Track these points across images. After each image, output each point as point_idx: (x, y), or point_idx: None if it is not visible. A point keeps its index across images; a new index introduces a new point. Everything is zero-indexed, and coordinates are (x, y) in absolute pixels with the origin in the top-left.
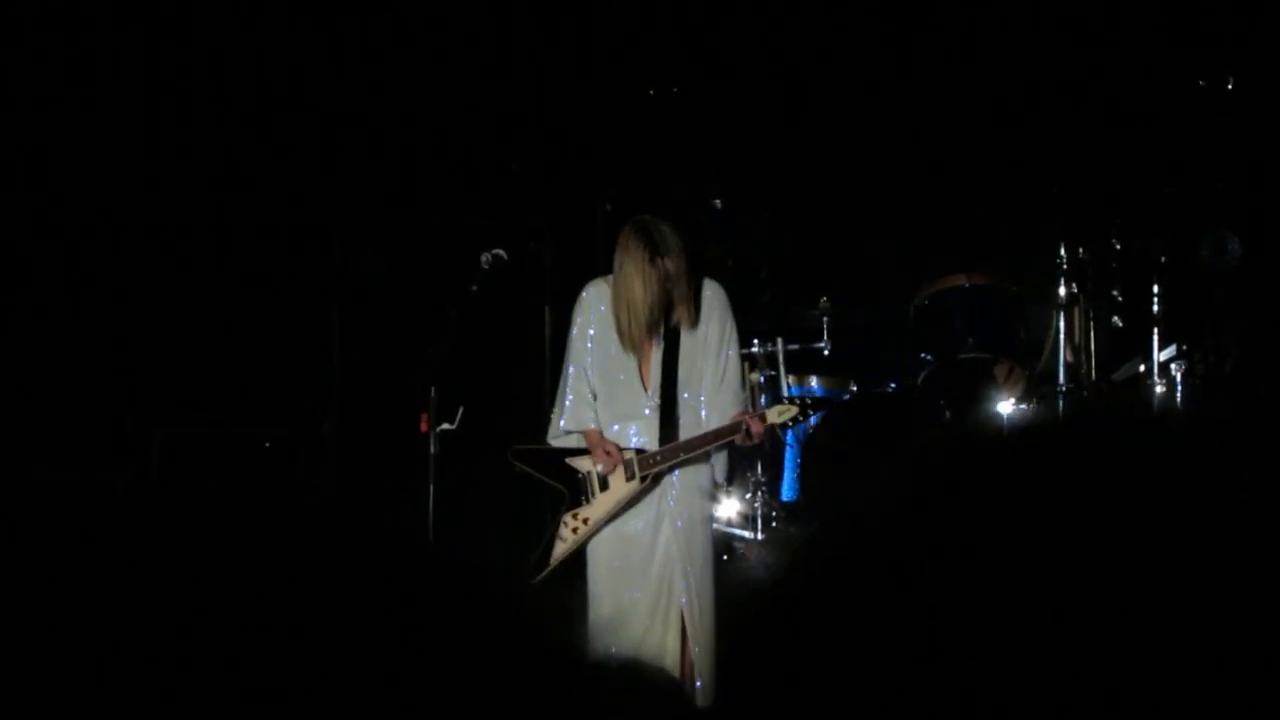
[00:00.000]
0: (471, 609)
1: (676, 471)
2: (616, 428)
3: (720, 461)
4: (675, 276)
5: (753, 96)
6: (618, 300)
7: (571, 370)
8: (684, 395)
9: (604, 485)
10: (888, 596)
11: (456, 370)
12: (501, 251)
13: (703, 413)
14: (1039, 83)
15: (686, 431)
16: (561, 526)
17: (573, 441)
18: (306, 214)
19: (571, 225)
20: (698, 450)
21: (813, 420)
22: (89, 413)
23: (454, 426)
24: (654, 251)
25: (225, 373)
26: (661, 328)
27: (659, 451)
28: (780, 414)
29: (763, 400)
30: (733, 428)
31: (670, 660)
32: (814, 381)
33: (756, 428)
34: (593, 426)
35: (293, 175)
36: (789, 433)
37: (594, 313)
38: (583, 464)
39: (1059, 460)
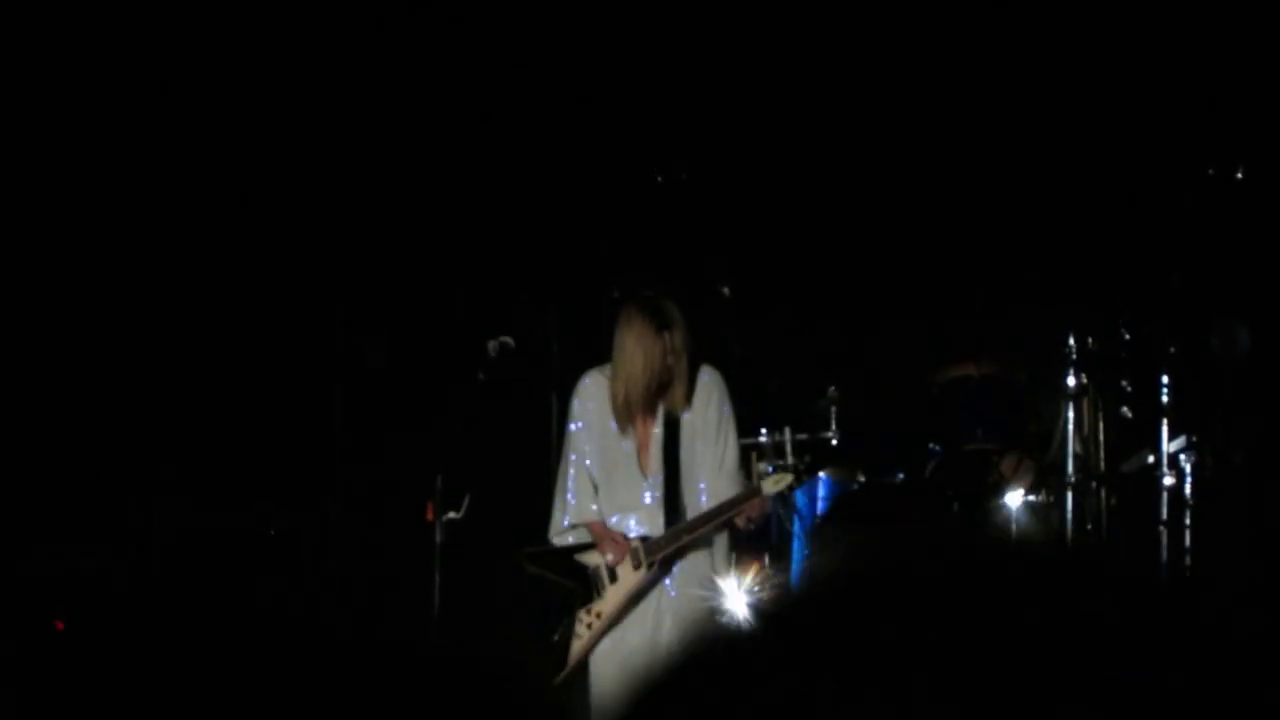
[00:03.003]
0: (485, 713)
1: (674, 566)
2: (616, 519)
3: (720, 552)
4: (677, 352)
5: (763, 185)
6: (615, 378)
7: (571, 462)
8: (685, 483)
9: (613, 578)
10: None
11: (463, 458)
12: (509, 339)
13: (703, 499)
14: (1047, 172)
15: (687, 518)
16: (576, 624)
17: (573, 537)
18: (310, 298)
19: (579, 313)
20: (700, 530)
21: (820, 511)
22: (87, 501)
23: (460, 516)
24: (658, 324)
25: (227, 461)
26: (659, 411)
27: (663, 536)
28: (776, 483)
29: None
30: (731, 502)
31: None
32: (822, 472)
33: (754, 509)
34: (596, 519)
35: (296, 257)
36: (796, 522)
37: (591, 402)
38: (590, 558)
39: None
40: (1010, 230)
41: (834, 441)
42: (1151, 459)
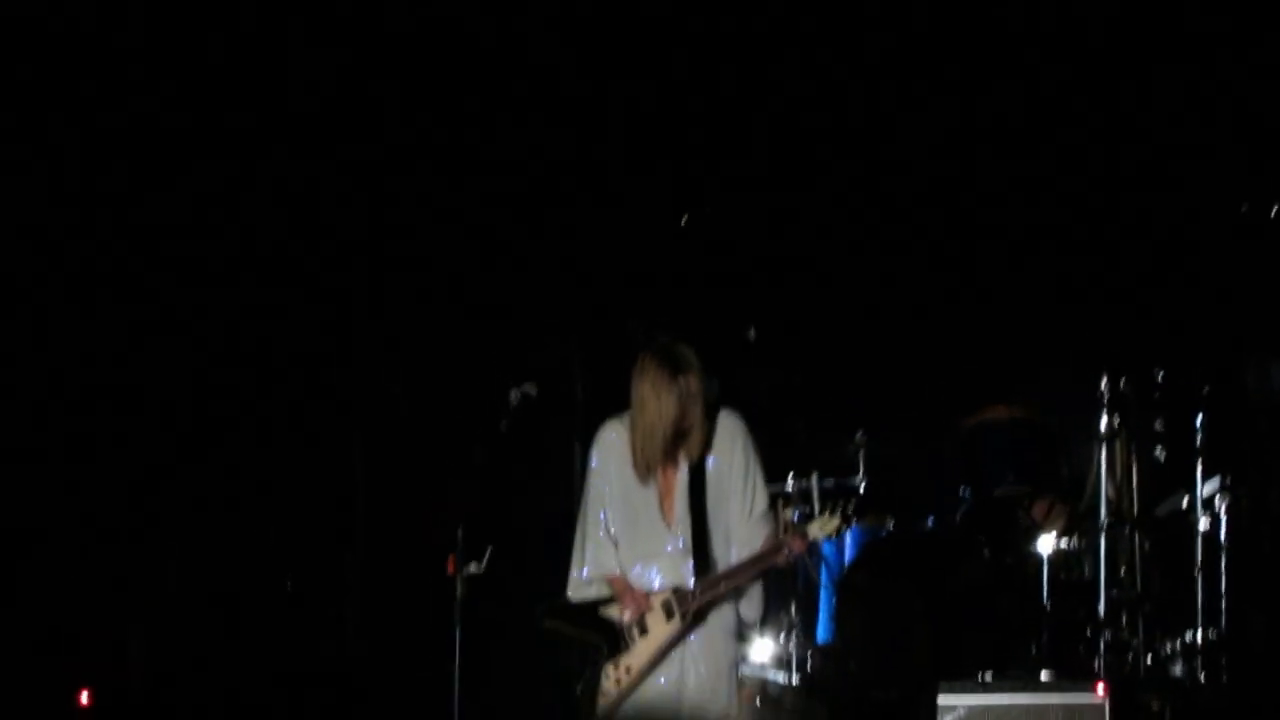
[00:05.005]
0: None
1: (705, 615)
2: (639, 569)
3: (751, 601)
4: (694, 397)
5: (787, 227)
6: (634, 428)
7: (590, 515)
8: (713, 531)
9: (643, 630)
10: None
11: (484, 510)
12: (530, 388)
13: (732, 548)
14: (1079, 211)
15: (717, 567)
16: (603, 679)
17: (594, 590)
18: (331, 346)
19: (603, 360)
20: (739, 579)
21: (847, 559)
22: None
23: (481, 569)
24: (673, 369)
25: (244, 513)
26: (681, 458)
27: (696, 587)
28: (823, 526)
29: None
30: (773, 549)
31: None
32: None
33: (798, 545)
34: (616, 572)
35: (316, 303)
36: (823, 571)
37: (611, 453)
38: (614, 612)
39: None
40: (1040, 271)
41: (862, 487)
42: (1185, 502)
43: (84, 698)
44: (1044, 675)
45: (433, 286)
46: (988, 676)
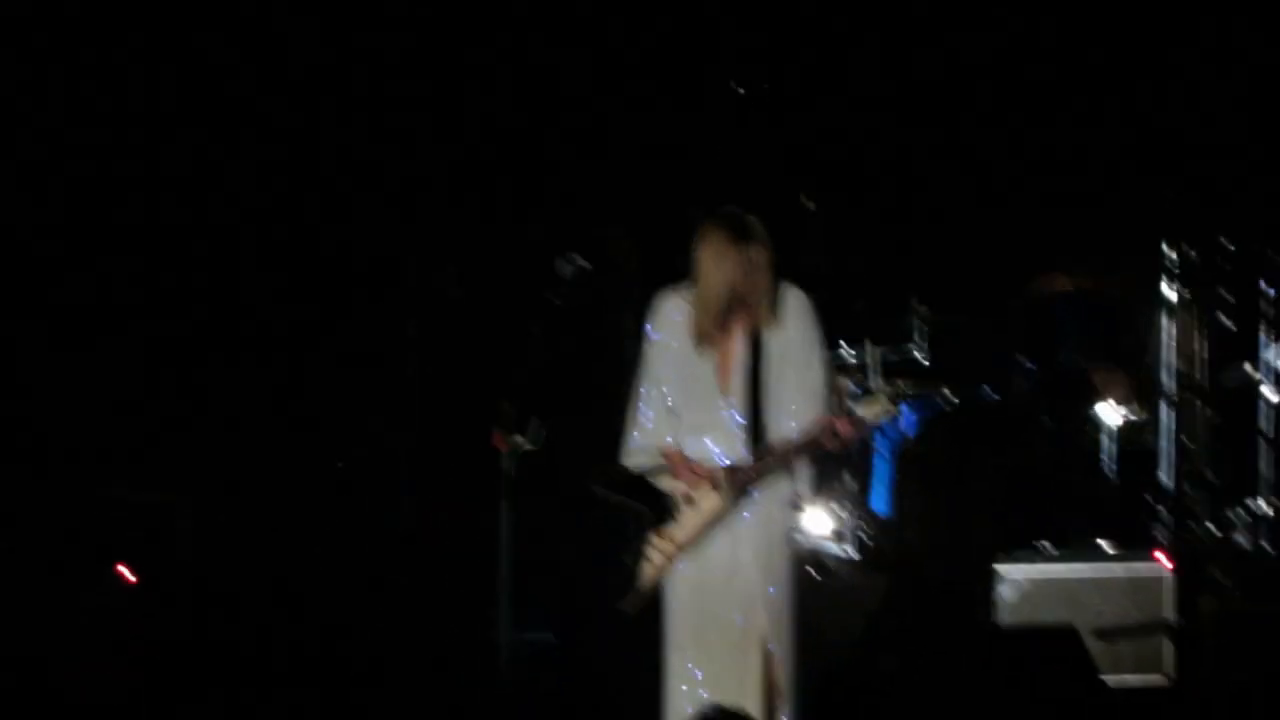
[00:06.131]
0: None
1: (756, 492)
2: (692, 440)
3: (803, 474)
4: (759, 267)
5: (844, 95)
6: (696, 296)
7: (645, 384)
8: (771, 406)
9: (692, 503)
10: None
11: (537, 387)
12: (582, 259)
13: (791, 423)
14: (1142, 71)
15: (773, 441)
16: (650, 549)
17: (647, 461)
18: (380, 229)
19: (657, 232)
20: (792, 458)
21: (906, 428)
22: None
23: (531, 444)
24: (738, 236)
25: (301, 393)
26: (742, 331)
27: (750, 465)
28: (869, 407)
29: None
30: (820, 430)
31: (752, 688)
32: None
33: (844, 428)
34: (671, 443)
35: (361, 190)
36: (881, 440)
37: (668, 321)
38: (665, 483)
39: None
40: (1102, 139)
41: (923, 359)
42: (1254, 372)
43: (127, 573)
44: (1107, 546)
45: (482, 161)
46: (1050, 548)
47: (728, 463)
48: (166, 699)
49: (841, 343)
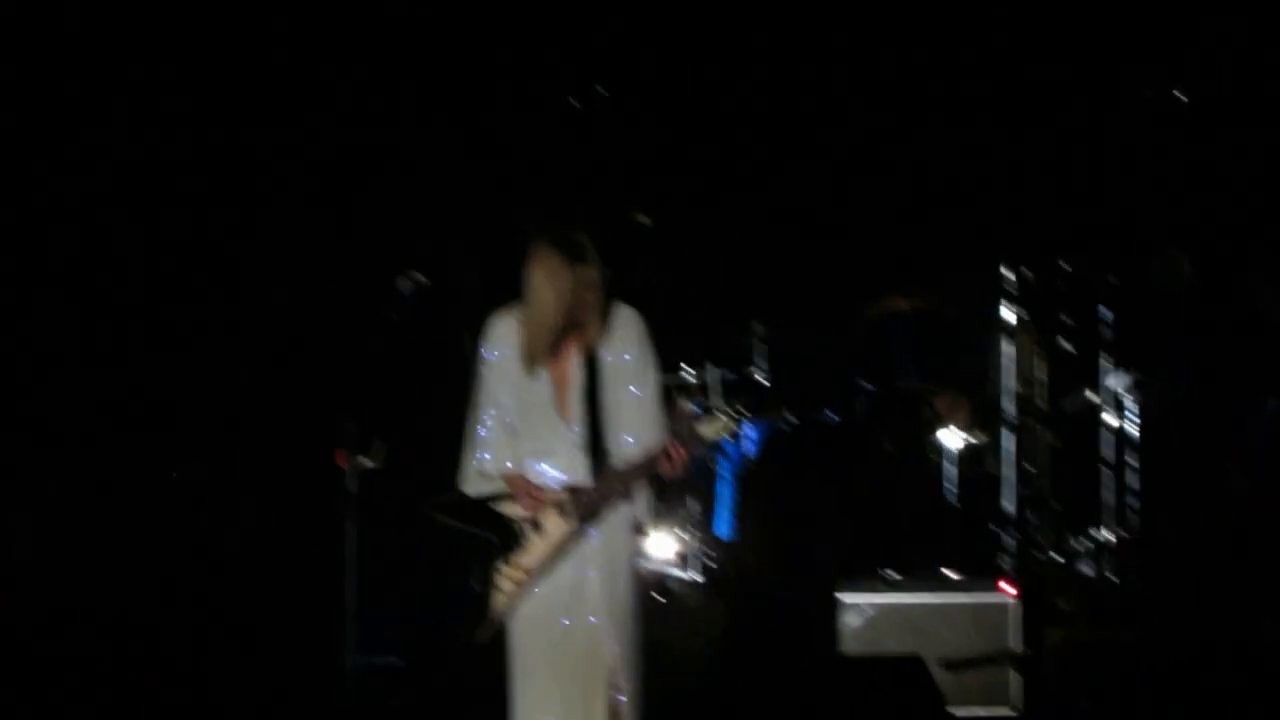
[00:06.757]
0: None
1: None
2: (533, 464)
3: (641, 500)
4: (590, 286)
5: (678, 107)
6: (527, 317)
7: (484, 408)
8: (609, 425)
9: (538, 527)
10: None
11: (377, 402)
12: (420, 276)
13: (630, 441)
14: (982, 93)
15: (614, 462)
16: (499, 578)
17: (488, 487)
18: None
19: (493, 246)
20: (633, 479)
21: (747, 450)
22: None
23: (374, 462)
24: (569, 258)
25: (131, 405)
26: (575, 351)
27: (593, 488)
28: (710, 425)
29: None
30: (662, 452)
31: (598, 713)
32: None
33: (677, 453)
34: (511, 468)
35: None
36: (723, 462)
37: (501, 344)
38: (509, 509)
39: None
40: (939, 153)
41: (761, 379)
42: (1094, 397)
43: None
44: (950, 574)
45: (323, 183)
46: (892, 575)
47: (565, 482)
48: None
49: (682, 364)
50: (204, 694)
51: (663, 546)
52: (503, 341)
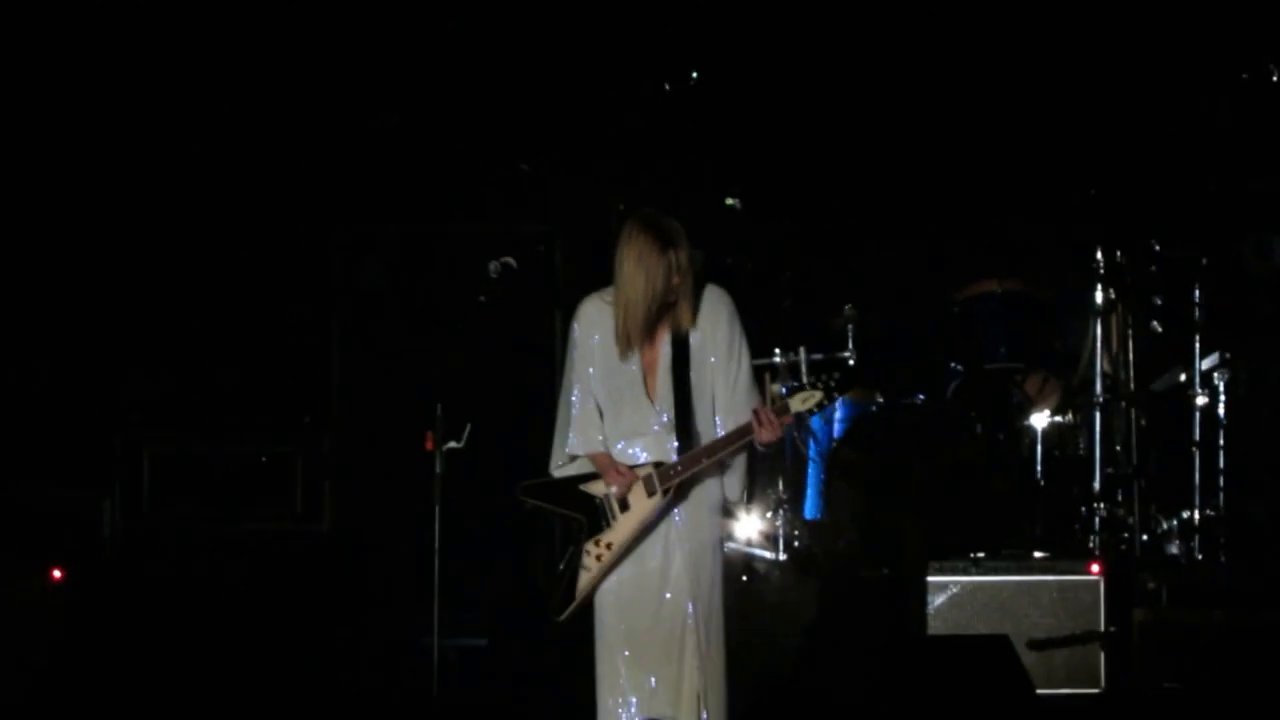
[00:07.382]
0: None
1: (688, 492)
2: (623, 446)
3: (734, 478)
4: (682, 270)
5: (773, 93)
6: (617, 301)
7: (574, 391)
8: (697, 407)
9: (624, 506)
10: None
11: (464, 386)
12: (510, 259)
13: (717, 421)
14: (1074, 80)
15: (701, 443)
16: (584, 555)
17: (576, 468)
18: (304, 221)
19: (583, 229)
20: (718, 454)
21: (835, 431)
22: (76, 429)
23: (461, 445)
24: (661, 242)
25: (220, 387)
26: (666, 334)
27: (678, 462)
28: (804, 401)
29: None
30: (749, 425)
31: (685, 694)
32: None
33: (770, 419)
34: (600, 448)
35: (289, 181)
36: (811, 446)
37: (592, 328)
38: (597, 488)
39: None
40: (1036, 138)
41: (851, 361)
42: (1184, 377)
43: (56, 574)
44: (1037, 554)
45: (408, 156)
46: (980, 556)
47: (653, 461)
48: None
49: (776, 350)
50: (293, 673)
51: (751, 527)
52: (595, 325)
